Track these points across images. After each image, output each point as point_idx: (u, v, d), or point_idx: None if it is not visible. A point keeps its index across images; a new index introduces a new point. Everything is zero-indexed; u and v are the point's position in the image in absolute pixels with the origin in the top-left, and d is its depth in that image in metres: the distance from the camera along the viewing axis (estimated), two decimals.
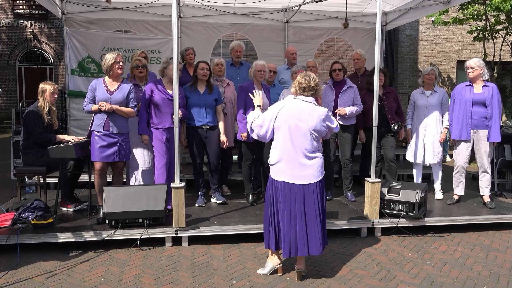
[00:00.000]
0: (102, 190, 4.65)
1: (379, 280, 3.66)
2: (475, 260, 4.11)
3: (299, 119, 3.42)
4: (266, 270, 3.70)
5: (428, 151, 5.61)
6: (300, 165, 3.44)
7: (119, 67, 4.55)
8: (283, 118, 3.44)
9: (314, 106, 3.50)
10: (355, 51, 6.36)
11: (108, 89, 4.57)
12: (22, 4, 17.67)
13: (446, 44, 14.08)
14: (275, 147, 3.52)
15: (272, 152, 3.55)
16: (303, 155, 3.44)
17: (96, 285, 3.52)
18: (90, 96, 4.57)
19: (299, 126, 3.42)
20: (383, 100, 5.56)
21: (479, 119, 5.19)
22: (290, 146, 3.43)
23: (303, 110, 3.44)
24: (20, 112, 6.73)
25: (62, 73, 17.58)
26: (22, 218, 4.44)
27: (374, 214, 4.69)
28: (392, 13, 7.94)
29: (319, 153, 3.54)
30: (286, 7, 7.78)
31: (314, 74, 3.59)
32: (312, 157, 3.47)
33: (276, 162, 3.49)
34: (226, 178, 5.95)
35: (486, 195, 5.37)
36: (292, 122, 3.42)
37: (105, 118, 4.53)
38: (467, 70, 5.28)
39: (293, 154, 3.43)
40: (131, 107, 4.67)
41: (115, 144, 4.57)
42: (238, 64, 6.35)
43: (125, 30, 7.49)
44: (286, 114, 3.44)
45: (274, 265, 3.66)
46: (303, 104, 3.47)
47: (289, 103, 3.49)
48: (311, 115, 3.44)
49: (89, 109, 4.58)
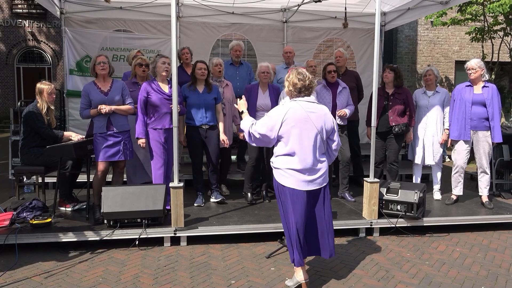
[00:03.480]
0: (100, 191, 4.65)
1: (378, 280, 3.66)
2: (474, 260, 4.12)
3: (307, 121, 3.26)
4: (291, 283, 3.48)
5: (428, 151, 5.61)
6: (310, 168, 3.28)
7: (100, 68, 4.53)
8: (290, 124, 3.24)
9: (317, 104, 3.36)
10: (337, 49, 6.20)
11: (102, 90, 4.57)
12: (20, 3, 17.64)
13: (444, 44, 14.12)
14: (282, 152, 3.31)
15: (278, 156, 3.35)
16: (313, 159, 3.28)
17: (95, 285, 3.52)
18: (85, 101, 4.55)
19: (308, 129, 3.26)
20: (389, 100, 5.52)
21: (478, 120, 5.20)
22: (299, 151, 3.25)
23: (309, 111, 3.28)
24: (18, 111, 6.71)
25: (60, 73, 17.56)
26: (21, 217, 4.43)
27: (372, 214, 4.69)
28: (391, 13, 7.95)
29: (325, 156, 3.43)
30: (285, 7, 7.78)
31: (305, 69, 3.42)
32: (321, 160, 3.35)
33: (284, 167, 3.30)
34: (225, 177, 5.95)
35: (485, 195, 5.38)
36: (300, 126, 3.25)
37: (106, 120, 4.55)
38: (468, 71, 5.26)
39: (303, 159, 3.26)
40: (128, 103, 4.68)
41: (119, 143, 4.61)
42: (238, 64, 6.35)
43: (124, 29, 7.48)
44: (292, 119, 3.24)
45: (299, 280, 3.38)
46: (308, 105, 3.31)
47: (293, 107, 3.29)
48: (318, 115, 3.30)
49: (87, 114, 4.56)
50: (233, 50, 6.27)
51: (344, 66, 6.16)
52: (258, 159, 5.39)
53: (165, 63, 4.73)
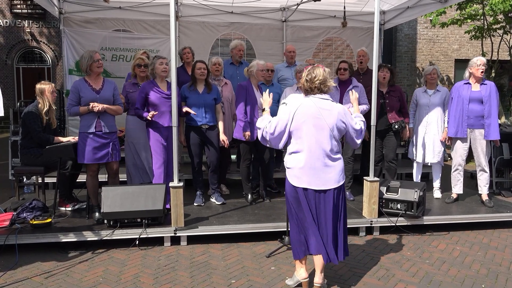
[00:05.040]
0: (96, 191, 4.65)
1: (378, 279, 3.66)
2: (474, 259, 4.12)
3: (318, 117, 3.15)
4: (291, 282, 3.51)
5: (429, 150, 5.61)
6: (322, 167, 3.16)
7: (98, 66, 4.44)
8: (301, 119, 3.16)
9: (332, 102, 3.24)
10: (359, 49, 6.20)
11: (94, 88, 4.47)
12: (19, 4, 17.61)
13: (444, 43, 14.12)
14: (293, 150, 3.23)
15: (289, 155, 3.26)
16: (325, 156, 3.17)
17: (95, 285, 3.52)
18: (74, 98, 4.41)
19: (319, 125, 3.15)
20: (386, 98, 5.53)
21: (475, 118, 5.20)
22: (310, 148, 3.15)
23: (321, 107, 3.18)
24: (18, 112, 6.71)
25: (60, 73, 17.53)
26: (21, 218, 4.42)
27: (372, 213, 4.69)
28: (390, 12, 7.95)
29: (340, 154, 3.28)
30: (284, 6, 7.78)
31: (322, 69, 3.25)
32: (335, 158, 3.21)
33: (295, 166, 3.20)
34: (225, 177, 5.95)
35: (485, 193, 5.38)
36: (311, 122, 3.15)
37: (95, 119, 4.44)
38: (481, 67, 5.15)
39: (315, 156, 3.15)
40: (118, 104, 4.64)
41: (107, 145, 4.53)
42: (238, 63, 6.34)
43: (123, 29, 7.48)
44: (303, 114, 3.16)
45: (299, 279, 3.39)
46: (321, 102, 3.20)
47: (305, 102, 3.21)
48: (331, 113, 3.17)
49: (75, 111, 4.41)
50: (236, 50, 6.22)
51: (366, 65, 6.16)
52: (252, 159, 5.38)
53: (163, 63, 4.72)
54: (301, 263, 3.36)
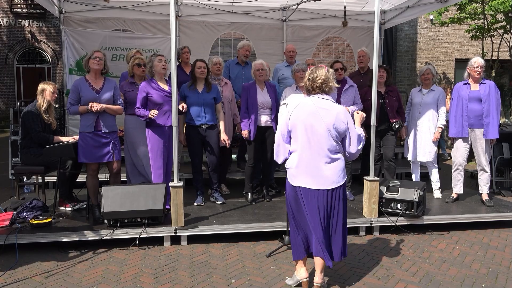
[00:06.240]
0: (96, 190, 4.65)
1: (378, 279, 3.66)
2: (474, 258, 4.12)
3: (315, 117, 3.14)
4: (291, 281, 3.50)
5: (420, 148, 5.63)
6: (318, 167, 3.15)
7: (95, 62, 4.41)
8: (299, 118, 3.17)
9: (332, 102, 3.22)
10: (360, 49, 6.24)
11: (94, 88, 4.46)
12: (20, 3, 17.62)
13: (444, 42, 14.10)
14: (292, 149, 3.25)
15: (289, 155, 3.29)
16: (323, 156, 3.15)
17: (95, 284, 3.52)
18: (74, 97, 4.40)
19: (316, 125, 3.14)
20: (385, 98, 5.54)
21: (475, 117, 5.20)
22: (308, 147, 3.15)
23: (320, 107, 3.17)
24: (18, 111, 6.71)
25: (60, 72, 17.53)
26: (21, 217, 4.43)
27: (372, 212, 4.69)
28: (390, 11, 7.94)
29: (340, 154, 3.23)
30: (284, 5, 7.77)
31: (325, 69, 3.26)
32: (333, 158, 3.17)
33: (293, 166, 3.21)
34: (225, 177, 5.94)
35: (485, 193, 5.38)
36: (309, 121, 3.15)
37: (95, 118, 4.44)
38: (477, 69, 5.17)
39: (312, 156, 3.15)
40: (119, 104, 4.63)
41: (108, 144, 4.53)
42: (244, 64, 6.32)
43: (123, 29, 7.48)
44: (301, 113, 3.18)
45: (299, 278, 3.39)
46: (321, 101, 3.20)
47: (303, 102, 3.23)
48: (329, 112, 3.15)
49: (75, 110, 4.42)
50: (242, 50, 6.17)
51: (366, 65, 6.17)
52: (257, 159, 5.39)
53: (161, 61, 4.71)
54: (301, 263, 3.36)
